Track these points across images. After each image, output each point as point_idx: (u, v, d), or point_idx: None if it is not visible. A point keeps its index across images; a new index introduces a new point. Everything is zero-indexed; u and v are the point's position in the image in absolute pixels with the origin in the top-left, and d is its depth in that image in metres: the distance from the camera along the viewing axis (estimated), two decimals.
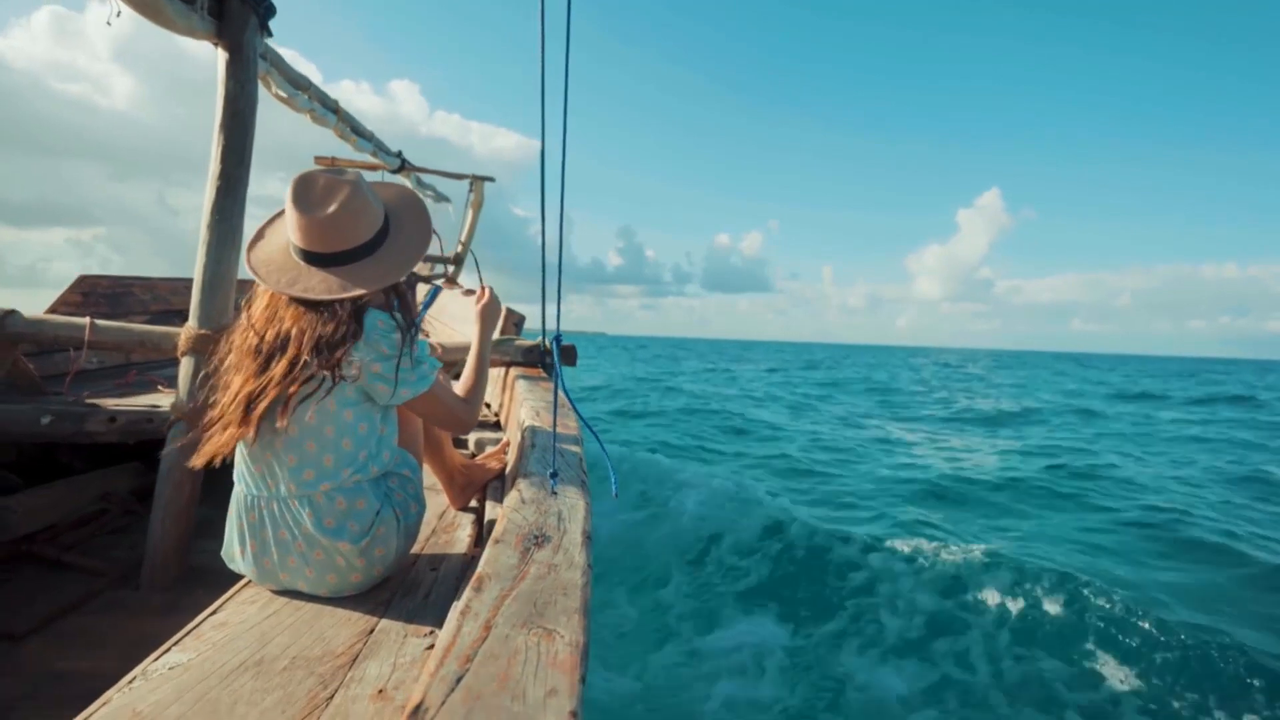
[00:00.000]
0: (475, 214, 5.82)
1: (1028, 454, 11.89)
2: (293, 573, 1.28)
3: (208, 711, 0.94)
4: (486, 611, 0.72)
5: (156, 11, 1.99)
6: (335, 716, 0.95)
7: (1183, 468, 11.21)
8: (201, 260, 2.32)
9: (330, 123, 3.76)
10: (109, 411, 2.43)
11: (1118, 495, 8.72)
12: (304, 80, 3.20)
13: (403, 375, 1.28)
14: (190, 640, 1.14)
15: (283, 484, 1.25)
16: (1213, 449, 13.55)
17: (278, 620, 1.22)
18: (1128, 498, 8.58)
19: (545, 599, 0.76)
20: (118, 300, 3.87)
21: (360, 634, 1.19)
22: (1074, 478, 9.69)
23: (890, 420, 17.53)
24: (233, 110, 2.34)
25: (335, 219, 1.27)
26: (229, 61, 2.35)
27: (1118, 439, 14.58)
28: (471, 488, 1.83)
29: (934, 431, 15.44)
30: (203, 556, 2.23)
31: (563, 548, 0.91)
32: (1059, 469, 10.25)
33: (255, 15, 2.39)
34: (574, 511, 1.06)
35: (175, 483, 2.20)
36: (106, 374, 3.35)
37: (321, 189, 1.28)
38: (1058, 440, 13.83)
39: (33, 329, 2.40)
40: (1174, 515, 7.57)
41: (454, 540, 1.65)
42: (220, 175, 2.32)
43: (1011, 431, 15.58)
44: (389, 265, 1.34)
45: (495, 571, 0.81)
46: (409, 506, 1.40)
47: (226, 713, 0.94)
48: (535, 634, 0.68)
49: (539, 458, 1.34)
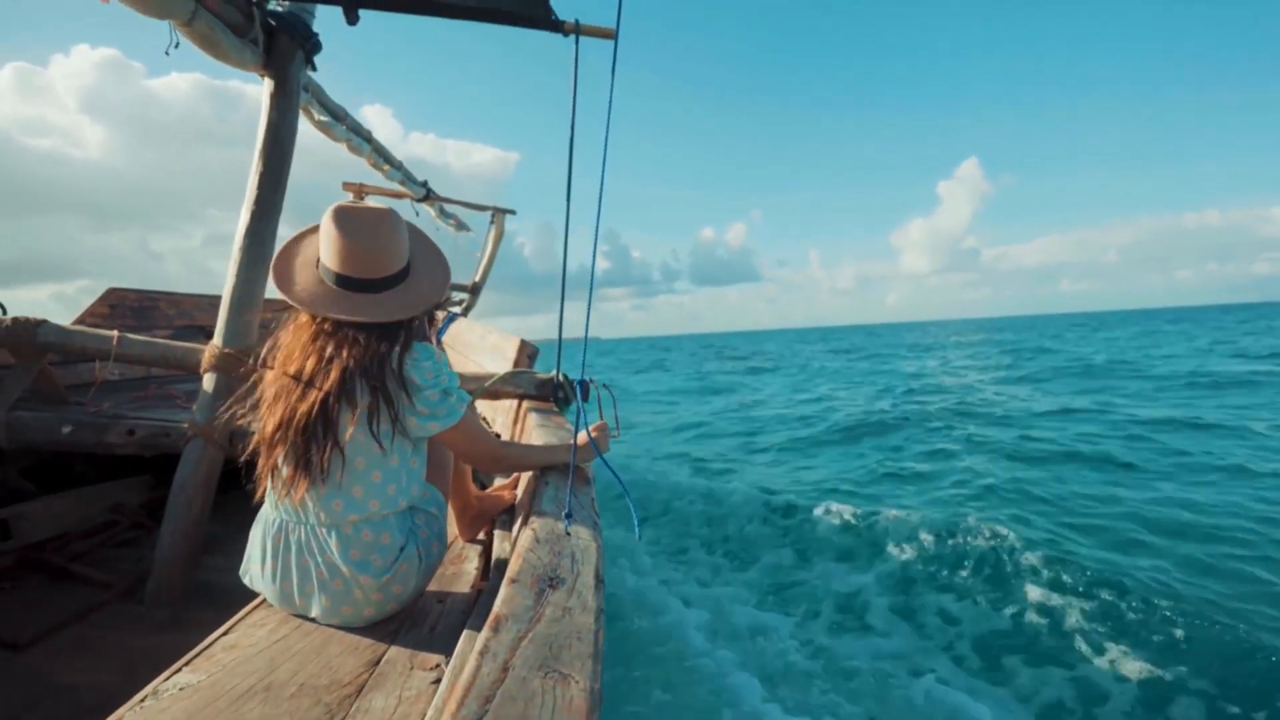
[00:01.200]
0: (495, 244, 5.93)
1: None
2: (308, 599, 1.29)
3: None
4: (505, 652, 0.73)
5: (213, 44, 2.09)
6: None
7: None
8: (231, 280, 2.38)
9: (364, 151, 3.88)
10: (128, 424, 2.47)
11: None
12: (342, 111, 3.32)
13: (433, 406, 1.31)
14: (201, 661, 1.15)
15: (312, 512, 1.27)
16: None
17: (287, 645, 1.23)
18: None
19: (560, 643, 0.77)
20: (144, 314, 3.95)
21: (367, 664, 1.19)
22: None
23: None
24: (274, 138, 2.43)
25: (381, 246, 1.33)
26: (274, 92, 2.44)
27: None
28: (482, 519, 1.84)
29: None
30: (209, 573, 2.24)
31: (576, 590, 0.92)
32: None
33: (302, 50, 2.50)
34: (587, 554, 1.07)
35: (187, 498, 2.23)
36: (127, 386, 3.41)
37: (366, 219, 1.33)
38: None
39: (63, 339, 2.46)
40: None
41: (461, 572, 1.66)
42: (256, 200, 2.40)
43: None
44: (426, 290, 1.39)
45: (512, 612, 0.83)
46: (431, 546, 1.41)
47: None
48: (551, 678, 0.69)
49: (552, 496, 1.36)
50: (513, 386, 2.67)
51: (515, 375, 2.68)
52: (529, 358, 3.32)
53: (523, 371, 2.74)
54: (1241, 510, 5.95)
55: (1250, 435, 8.98)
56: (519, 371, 2.72)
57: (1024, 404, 13.12)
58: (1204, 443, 8.69)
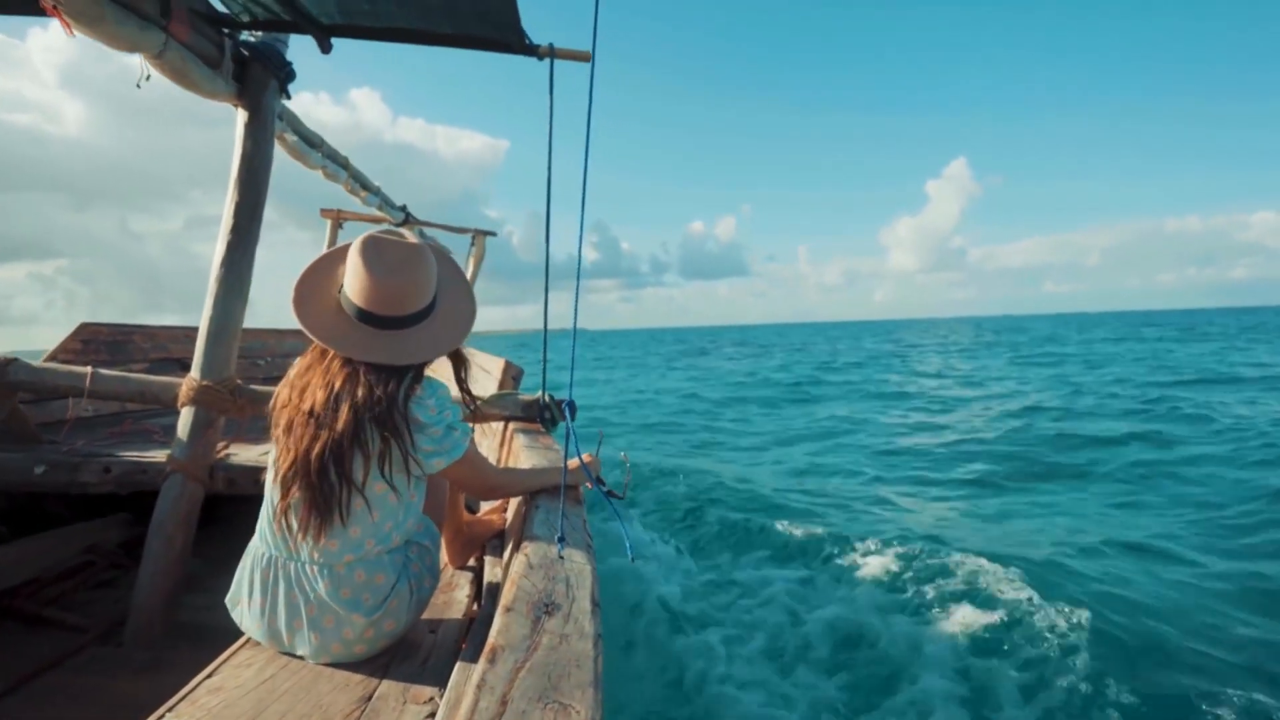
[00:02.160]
0: (477, 266, 5.92)
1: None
2: (297, 636, 1.25)
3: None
4: (502, 685, 0.71)
5: (184, 76, 2.07)
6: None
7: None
8: (208, 311, 2.34)
9: (341, 178, 3.86)
10: (103, 462, 2.41)
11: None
12: (317, 138, 3.31)
13: (438, 443, 1.28)
14: (185, 706, 1.11)
15: (304, 549, 1.23)
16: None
17: (274, 685, 1.19)
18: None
19: (559, 672, 0.76)
20: (118, 348, 3.87)
21: (359, 701, 1.16)
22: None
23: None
24: (249, 167, 2.41)
25: (407, 285, 1.29)
26: (248, 122, 2.43)
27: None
28: (473, 545, 1.81)
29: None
30: (190, 612, 2.17)
31: (572, 617, 0.91)
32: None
33: (276, 79, 2.49)
34: (581, 578, 1.06)
35: (167, 536, 2.17)
36: (102, 422, 3.33)
37: (395, 254, 1.29)
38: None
39: (34, 378, 2.40)
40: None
41: (452, 601, 1.63)
42: (233, 229, 2.37)
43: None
44: (445, 331, 1.37)
45: (509, 643, 0.81)
46: (424, 580, 1.38)
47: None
48: (551, 709, 0.68)
49: (544, 519, 1.34)
50: (499, 409, 2.65)
51: (501, 398, 2.66)
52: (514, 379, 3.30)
53: (508, 394, 2.72)
54: None
55: None
56: (505, 394, 2.71)
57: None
58: None
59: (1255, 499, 6.66)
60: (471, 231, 5.79)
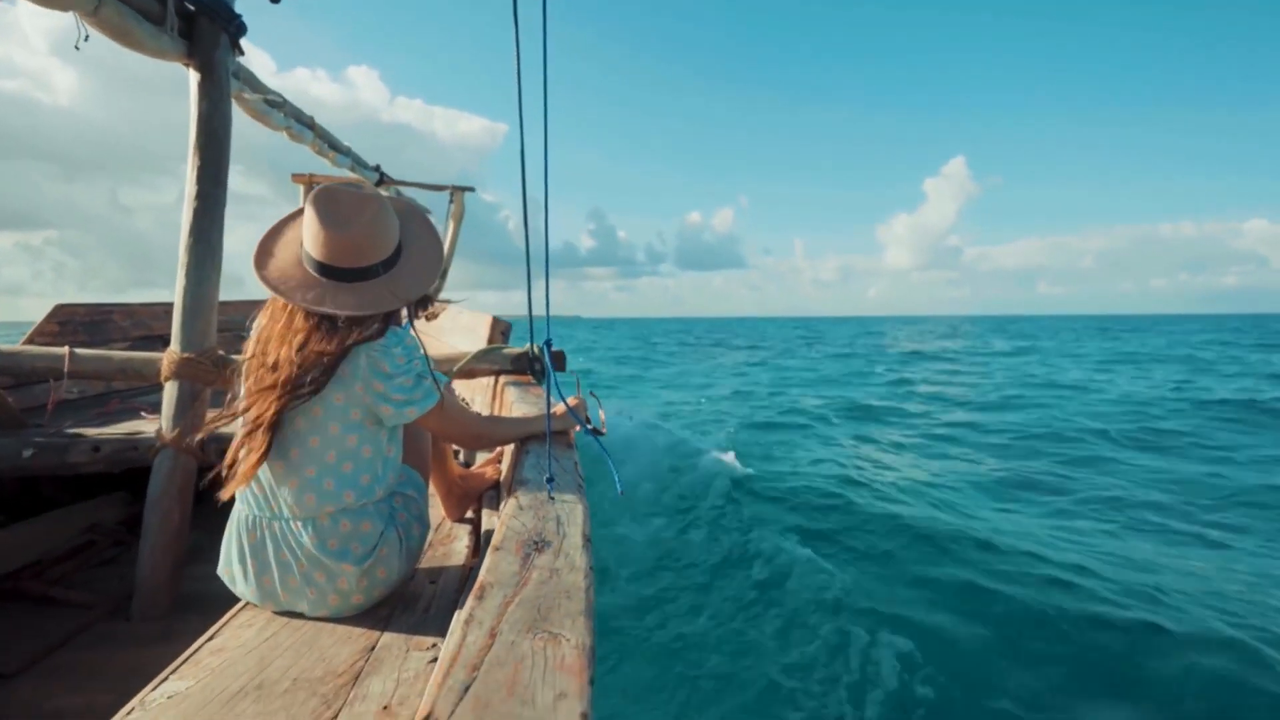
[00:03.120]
0: (456, 225, 5.81)
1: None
2: (294, 594, 1.26)
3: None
4: (490, 619, 0.71)
5: (125, 34, 1.96)
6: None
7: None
8: (182, 283, 2.28)
9: (307, 138, 3.73)
10: (92, 441, 2.38)
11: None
12: (278, 97, 3.18)
13: (408, 393, 1.27)
14: (188, 668, 1.11)
15: (285, 506, 1.23)
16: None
17: (276, 642, 1.20)
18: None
19: (549, 603, 0.75)
20: (96, 328, 3.81)
21: (361, 651, 1.17)
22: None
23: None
24: (207, 130, 2.31)
25: (362, 235, 1.27)
26: (201, 82, 2.32)
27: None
28: (468, 498, 1.81)
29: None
30: (195, 582, 2.19)
31: (563, 552, 0.91)
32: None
33: (226, 34, 2.37)
34: (572, 515, 1.06)
35: (164, 511, 2.17)
36: (88, 403, 3.30)
37: (347, 204, 1.27)
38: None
39: (9, 362, 2.35)
40: None
41: (451, 552, 1.64)
42: (197, 196, 2.29)
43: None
44: (408, 281, 1.33)
45: (497, 579, 0.81)
46: (412, 528, 1.39)
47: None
48: (541, 639, 0.68)
49: (534, 464, 1.33)
50: (488, 363, 2.63)
51: (489, 352, 2.64)
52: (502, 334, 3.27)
53: (496, 348, 2.69)
54: None
55: None
56: (492, 348, 2.68)
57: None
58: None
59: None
60: (449, 188, 5.66)
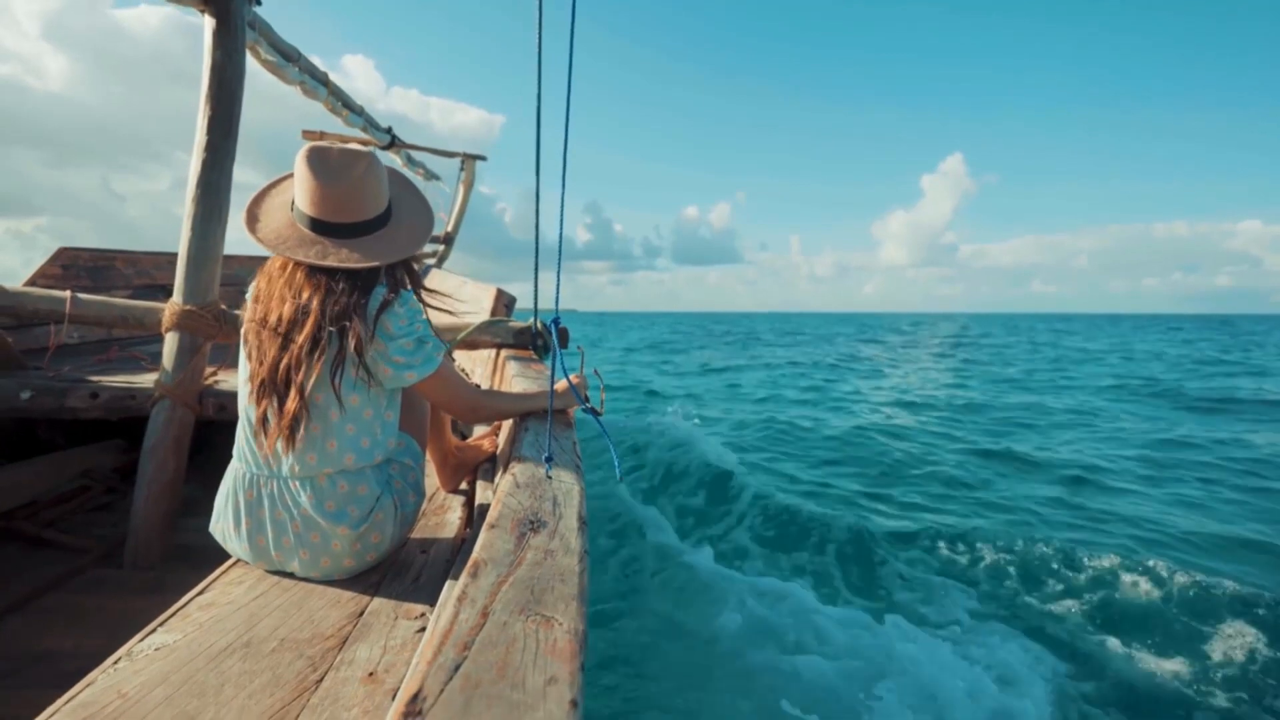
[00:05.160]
0: (466, 193, 5.76)
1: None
2: (286, 553, 1.26)
3: (195, 693, 0.93)
4: (484, 598, 0.71)
5: None
6: (324, 699, 0.94)
7: None
8: (186, 235, 2.26)
9: (321, 95, 3.68)
10: (91, 387, 2.38)
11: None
12: (294, 51, 3.12)
13: (408, 355, 1.26)
14: (176, 621, 1.12)
15: (285, 464, 1.23)
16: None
17: (266, 601, 1.21)
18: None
19: (543, 585, 0.75)
20: (100, 274, 3.79)
21: (350, 616, 1.18)
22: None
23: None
24: (219, 80, 2.28)
25: (355, 189, 1.27)
26: (216, 30, 2.28)
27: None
28: (463, 470, 1.81)
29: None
30: (188, 534, 2.20)
31: (559, 533, 0.90)
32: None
33: None
34: (569, 496, 1.05)
35: (159, 460, 2.17)
36: (88, 349, 3.29)
37: (339, 159, 1.26)
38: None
39: (11, 302, 2.34)
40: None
41: (444, 523, 1.64)
42: (206, 147, 2.26)
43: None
44: (405, 237, 1.34)
45: (491, 557, 0.80)
46: (408, 496, 1.39)
47: (214, 695, 0.93)
48: (533, 621, 0.67)
49: (532, 441, 1.33)
50: (490, 336, 2.62)
51: (492, 324, 2.63)
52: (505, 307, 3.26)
53: (499, 320, 2.68)
54: None
55: None
56: (496, 320, 2.67)
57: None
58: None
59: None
60: (460, 155, 5.59)
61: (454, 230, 5.98)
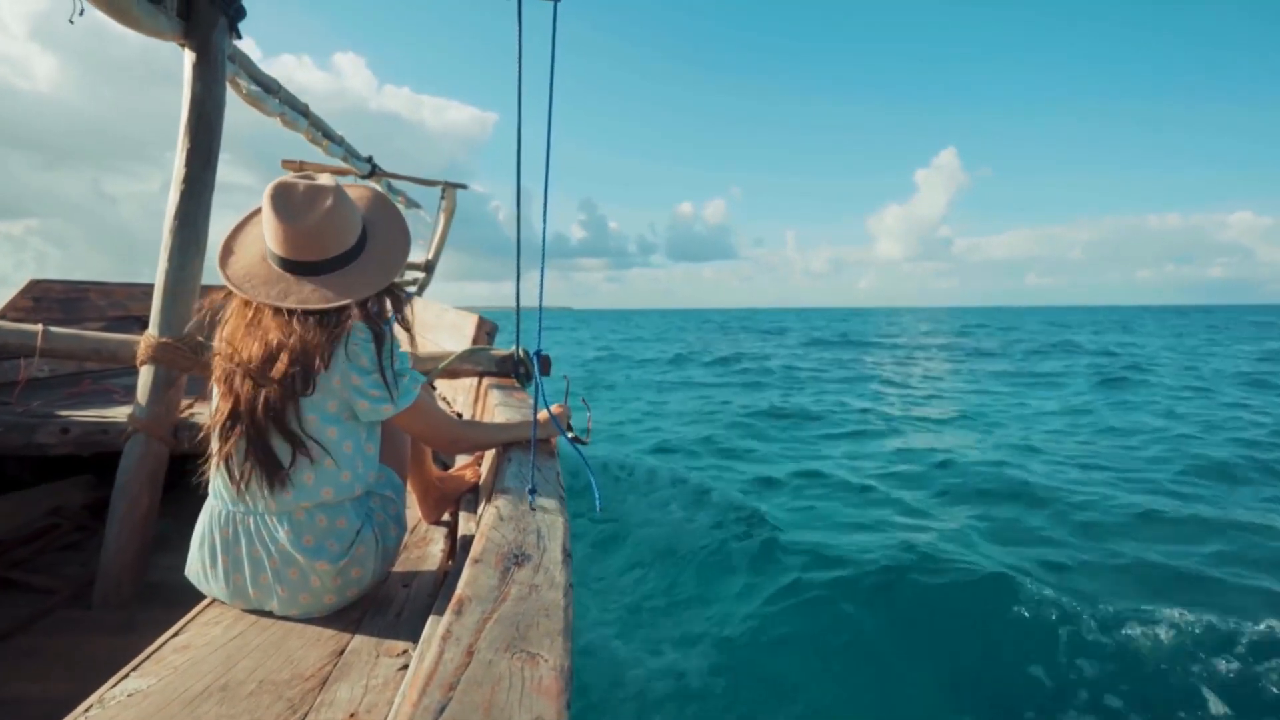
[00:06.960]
0: (447, 221, 5.76)
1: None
2: (264, 591, 1.24)
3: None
4: (469, 636, 0.70)
5: (122, 12, 1.93)
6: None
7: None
8: (164, 266, 2.24)
9: (301, 126, 3.69)
10: (62, 422, 2.33)
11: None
12: (274, 83, 3.14)
13: (383, 390, 1.26)
14: (150, 664, 1.09)
15: (261, 500, 1.21)
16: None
17: (243, 642, 1.18)
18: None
19: (528, 621, 0.75)
20: (72, 306, 3.73)
21: (330, 655, 1.15)
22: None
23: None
24: (199, 113, 2.28)
25: (319, 227, 1.25)
26: (196, 63, 2.28)
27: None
28: (445, 501, 1.80)
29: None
30: (160, 573, 2.14)
31: (543, 567, 0.90)
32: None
33: (224, 16, 2.34)
34: (553, 529, 1.05)
35: (131, 496, 2.12)
36: (59, 382, 3.22)
37: (302, 196, 1.25)
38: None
39: None
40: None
41: (426, 555, 1.62)
42: (185, 179, 2.25)
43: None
44: (375, 272, 1.32)
45: (476, 594, 0.80)
46: (389, 529, 1.37)
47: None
48: (519, 658, 0.67)
49: (515, 471, 1.32)
50: (471, 364, 2.61)
51: (474, 353, 2.62)
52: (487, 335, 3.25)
53: (481, 349, 2.68)
54: None
55: None
56: (477, 349, 2.66)
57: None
58: None
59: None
60: (441, 184, 5.61)
61: (435, 258, 5.97)
